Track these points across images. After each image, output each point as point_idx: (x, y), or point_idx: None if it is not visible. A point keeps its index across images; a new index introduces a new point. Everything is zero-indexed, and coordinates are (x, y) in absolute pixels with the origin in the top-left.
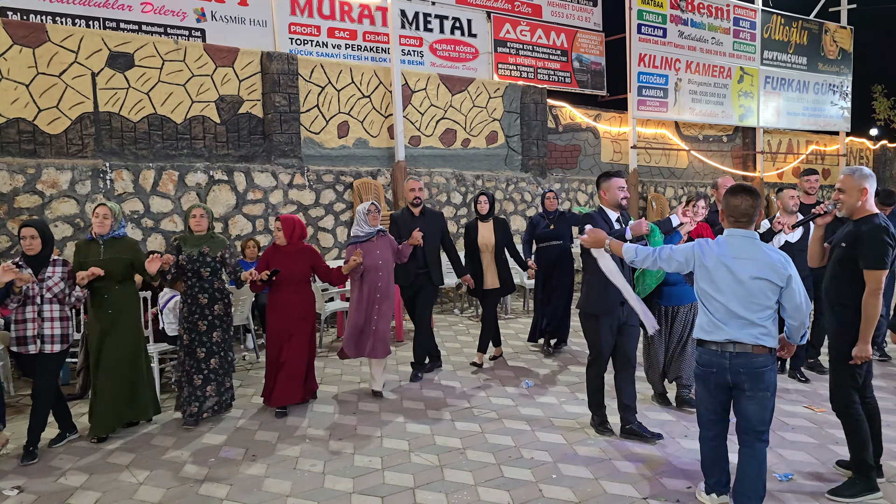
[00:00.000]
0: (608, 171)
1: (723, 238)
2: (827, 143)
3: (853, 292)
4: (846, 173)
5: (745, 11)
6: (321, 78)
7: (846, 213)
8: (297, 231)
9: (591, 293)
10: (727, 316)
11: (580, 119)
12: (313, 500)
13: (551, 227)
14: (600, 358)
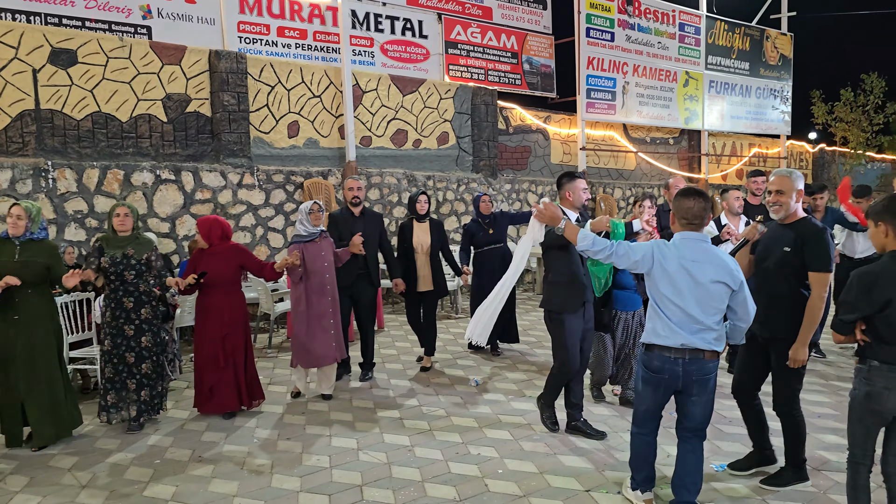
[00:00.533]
0: (571, 171)
1: (678, 241)
2: (768, 147)
3: (792, 295)
4: (783, 175)
5: (690, 17)
6: (271, 77)
7: (783, 215)
8: (214, 232)
9: (555, 293)
10: (685, 320)
11: (530, 121)
12: (260, 500)
13: (490, 232)
14: (567, 368)
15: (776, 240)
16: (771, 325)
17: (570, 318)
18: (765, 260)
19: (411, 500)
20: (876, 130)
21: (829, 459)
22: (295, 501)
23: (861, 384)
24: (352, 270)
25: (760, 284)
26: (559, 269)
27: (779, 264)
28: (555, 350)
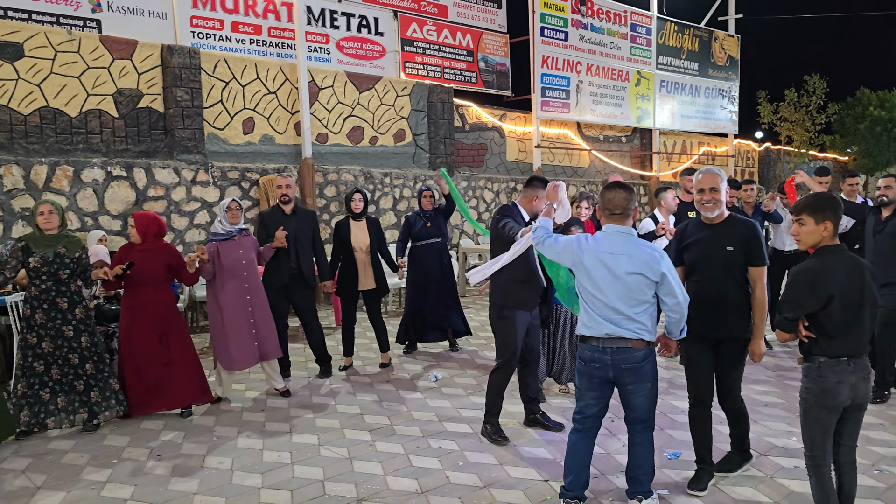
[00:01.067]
0: (543, 177)
1: (600, 234)
2: (717, 145)
3: (740, 293)
4: (714, 172)
5: (641, 18)
6: (225, 73)
7: (718, 212)
8: (151, 228)
9: (511, 289)
10: (607, 311)
11: (486, 118)
12: (221, 497)
13: (428, 225)
14: (512, 361)
15: (714, 240)
16: (724, 326)
17: (520, 314)
18: (705, 262)
19: (374, 492)
20: (818, 130)
21: (776, 445)
22: (256, 498)
23: (813, 383)
24: (283, 270)
25: (705, 288)
26: (517, 266)
27: (725, 264)
28: (500, 347)
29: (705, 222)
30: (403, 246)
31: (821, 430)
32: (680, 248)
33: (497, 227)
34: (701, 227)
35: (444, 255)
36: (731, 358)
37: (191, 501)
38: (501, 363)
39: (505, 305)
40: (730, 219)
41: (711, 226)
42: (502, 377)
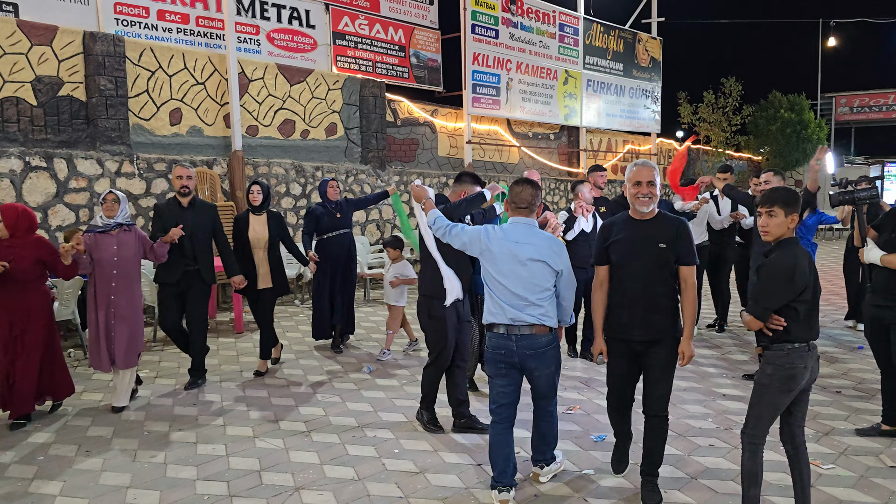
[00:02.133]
0: (473, 173)
1: (507, 225)
2: (641, 143)
3: (671, 293)
4: (651, 166)
5: (569, 18)
6: (151, 62)
7: (652, 207)
8: (21, 222)
9: (436, 281)
10: (510, 297)
11: (418, 114)
12: (155, 489)
13: (338, 216)
14: (443, 358)
15: (645, 238)
16: (653, 327)
17: (450, 308)
18: (635, 260)
19: (311, 481)
20: (734, 130)
21: (693, 426)
22: (192, 489)
23: (780, 369)
24: (177, 266)
25: (634, 287)
26: (447, 255)
27: (657, 263)
28: (432, 341)
29: (635, 218)
30: (310, 239)
31: (773, 412)
32: (605, 245)
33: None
34: (629, 223)
35: (352, 247)
36: (661, 360)
37: (124, 495)
38: (433, 360)
39: (436, 297)
40: (660, 215)
41: (641, 222)
42: (435, 373)
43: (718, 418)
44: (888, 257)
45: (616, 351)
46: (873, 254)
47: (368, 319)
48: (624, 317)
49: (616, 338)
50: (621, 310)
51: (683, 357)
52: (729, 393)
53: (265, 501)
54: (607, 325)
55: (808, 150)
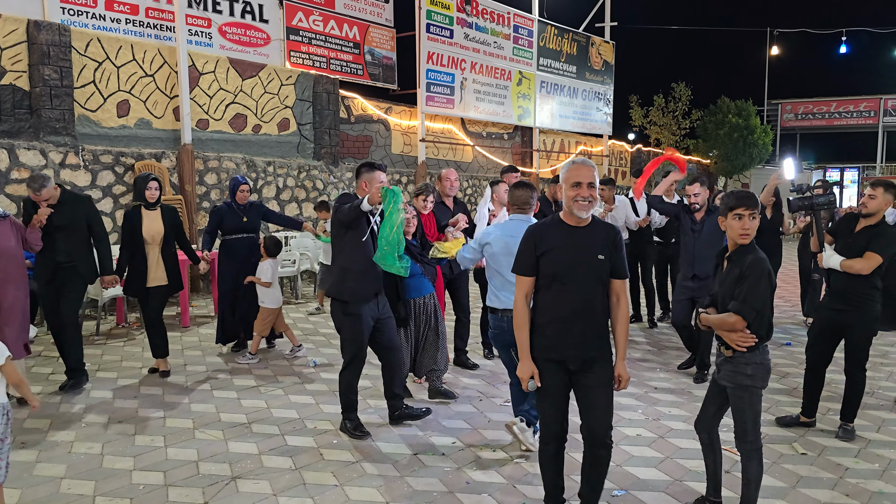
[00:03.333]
0: (372, 161)
1: (507, 221)
2: (593, 145)
3: (607, 308)
4: (589, 165)
5: (523, 20)
6: (98, 53)
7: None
8: None
9: (349, 280)
10: (506, 285)
11: (372, 111)
12: (91, 480)
13: (244, 220)
14: (357, 360)
15: (581, 247)
16: (591, 345)
17: (364, 308)
18: (571, 272)
19: (248, 470)
20: (683, 134)
21: (623, 416)
22: (128, 479)
23: (761, 368)
24: (49, 261)
25: (569, 302)
26: (354, 255)
27: (596, 277)
28: (346, 344)
29: (570, 224)
30: (211, 238)
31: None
32: (537, 254)
33: (336, 214)
34: (564, 230)
35: (255, 251)
36: (602, 380)
37: (58, 486)
38: (348, 362)
39: (346, 300)
40: (594, 222)
41: (577, 229)
42: (351, 376)
43: (648, 410)
44: (848, 262)
45: (549, 371)
46: (833, 259)
47: (308, 320)
48: (558, 335)
49: (548, 358)
50: (554, 326)
51: (621, 381)
52: (661, 386)
53: (201, 491)
54: (536, 343)
55: (754, 154)
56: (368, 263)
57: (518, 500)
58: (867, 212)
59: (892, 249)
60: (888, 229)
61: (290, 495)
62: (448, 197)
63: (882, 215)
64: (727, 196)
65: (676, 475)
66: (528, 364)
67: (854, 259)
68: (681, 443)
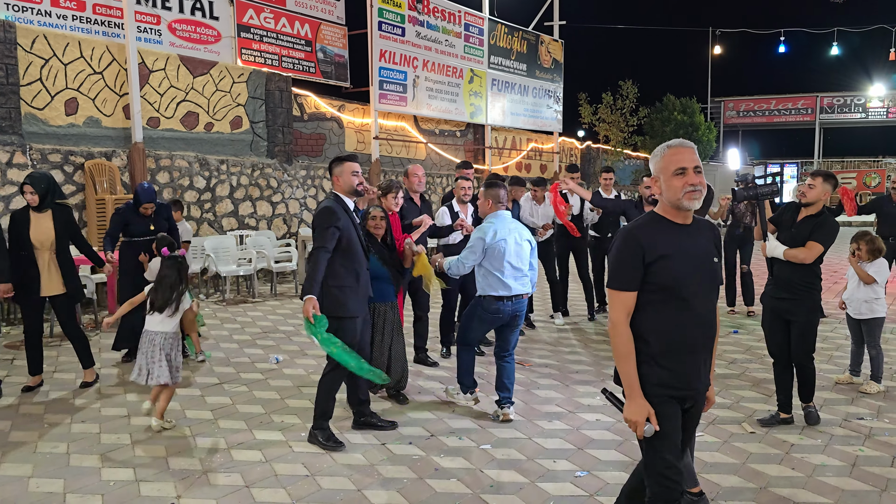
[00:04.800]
0: (341, 155)
1: (496, 219)
2: (544, 142)
3: None
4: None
5: (474, 18)
6: (45, 50)
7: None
8: None
9: (343, 295)
10: (513, 273)
11: (325, 109)
12: (59, 478)
13: (151, 228)
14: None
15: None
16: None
17: (357, 321)
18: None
19: (218, 465)
20: (631, 131)
21: (582, 404)
22: (97, 476)
23: None
24: None
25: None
26: (342, 271)
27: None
28: None
29: (676, 222)
30: (113, 241)
31: None
32: (647, 262)
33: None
34: (671, 230)
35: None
36: (700, 412)
37: (26, 485)
38: (335, 365)
39: (343, 316)
40: (695, 218)
41: (684, 228)
42: (333, 381)
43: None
44: (792, 251)
45: (670, 410)
46: (777, 249)
47: (266, 318)
48: (681, 363)
49: (669, 394)
50: (676, 353)
51: (708, 403)
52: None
53: (173, 485)
54: (650, 376)
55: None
56: (360, 272)
57: (485, 483)
58: (806, 201)
59: (833, 239)
60: (829, 220)
61: (263, 486)
62: (416, 193)
63: (822, 205)
64: None
65: (635, 455)
66: (642, 404)
67: (797, 248)
68: None
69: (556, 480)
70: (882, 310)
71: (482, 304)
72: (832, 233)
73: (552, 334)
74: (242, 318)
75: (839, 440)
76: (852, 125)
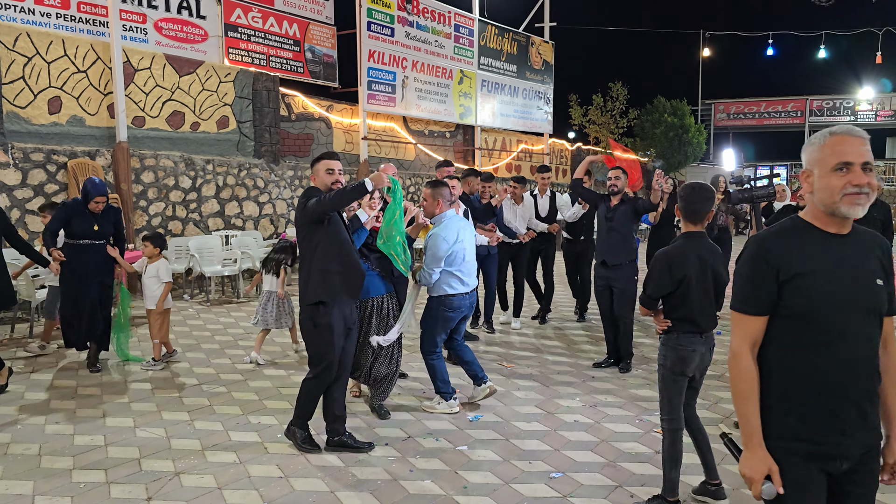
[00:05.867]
0: (324, 152)
1: (450, 223)
2: (534, 143)
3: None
4: (861, 136)
5: (464, 19)
6: (27, 48)
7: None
8: None
9: (326, 281)
10: (469, 269)
11: (313, 109)
12: (29, 480)
13: (95, 228)
14: (328, 371)
15: (856, 270)
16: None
17: (337, 312)
18: (842, 308)
19: (191, 466)
20: (621, 133)
21: (561, 404)
22: (68, 478)
23: (671, 352)
24: None
25: (845, 359)
26: (330, 254)
27: (875, 314)
28: (318, 353)
29: (827, 231)
30: (53, 237)
31: (678, 393)
32: (779, 281)
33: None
34: (816, 240)
35: (109, 261)
36: (876, 481)
37: None
38: (318, 372)
39: (322, 302)
40: (855, 228)
41: (836, 239)
42: (316, 387)
43: (586, 397)
44: None
45: (800, 471)
46: None
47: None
48: (819, 413)
49: (804, 452)
50: (815, 400)
51: (885, 470)
52: (598, 374)
53: (144, 487)
54: (777, 426)
55: (689, 152)
56: (346, 261)
57: (460, 484)
58: (804, 203)
59: None
60: None
61: (235, 488)
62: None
63: None
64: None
65: (610, 457)
66: (762, 457)
67: None
68: (616, 427)
69: (530, 482)
70: None
71: (444, 304)
72: None
73: (533, 339)
74: (226, 318)
75: None
76: None
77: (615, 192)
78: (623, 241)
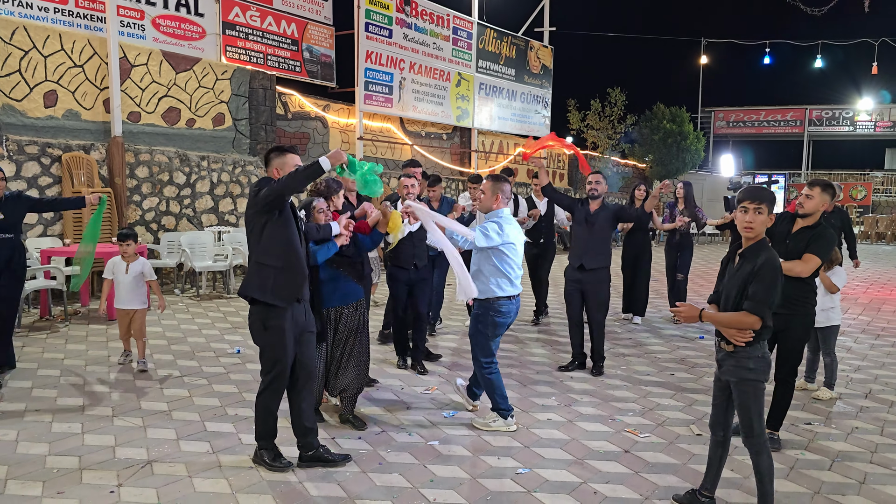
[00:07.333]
0: (282, 145)
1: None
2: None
3: None
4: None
5: (462, 22)
6: (24, 41)
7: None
8: None
9: (272, 279)
10: (516, 273)
11: (309, 108)
12: (3, 465)
13: (1, 217)
14: (280, 380)
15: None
16: None
17: (287, 314)
18: None
19: (165, 454)
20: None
21: (537, 403)
22: (42, 464)
23: (761, 363)
24: None
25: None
26: (274, 247)
27: None
28: (268, 359)
29: None
30: None
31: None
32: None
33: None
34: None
35: (16, 254)
36: None
37: None
38: (268, 382)
39: (267, 302)
40: None
41: None
42: (270, 399)
43: (562, 397)
44: (788, 264)
45: None
46: None
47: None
48: None
49: None
50: None
51: None
52: (576, 374)
53: (115, 473)
54: None
55: (687, 159)
56: (287, 258)
57: (427, 478)
58: (804, 212)
59: (831, 251)
60: (827, 231)
61: (205, 476)
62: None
63: (819, 216)
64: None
65: (579, 455)
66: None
67: (794, 261)
68: (588, 426)
69: (497, 477)
70: (837, 318)
71: (494, 308)
72: (830, 245)
73: (514, 336)
74: (214, 313)
75: (782, 444)
76: (840, 138)
77: (595, 196)
78: (602, 245)
